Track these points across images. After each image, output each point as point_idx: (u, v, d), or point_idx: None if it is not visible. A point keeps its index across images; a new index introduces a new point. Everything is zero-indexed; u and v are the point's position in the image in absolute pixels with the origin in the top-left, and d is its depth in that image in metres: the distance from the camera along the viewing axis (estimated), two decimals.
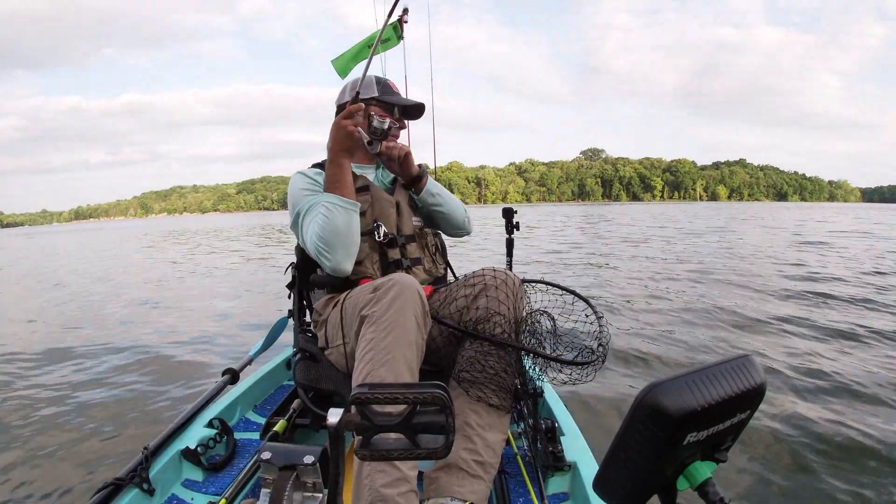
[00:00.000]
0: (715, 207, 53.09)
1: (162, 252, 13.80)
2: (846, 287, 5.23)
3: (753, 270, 6.51)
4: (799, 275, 6.06)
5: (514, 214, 1.75)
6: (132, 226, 63.18)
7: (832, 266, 6.83)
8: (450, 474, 1.02)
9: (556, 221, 22.06)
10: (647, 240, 11.61)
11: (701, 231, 14.79)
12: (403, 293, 1.04)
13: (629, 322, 3.94)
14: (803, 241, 10.75)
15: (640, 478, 0.48)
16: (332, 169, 1.26)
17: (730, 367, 0.48)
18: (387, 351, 1.00)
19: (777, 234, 12.77)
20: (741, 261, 7.56)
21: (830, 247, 9.58)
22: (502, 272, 1.21)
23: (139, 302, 5.72)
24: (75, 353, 3.62)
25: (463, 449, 1.04)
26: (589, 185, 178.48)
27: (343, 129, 1.23)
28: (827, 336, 3.46)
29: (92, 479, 1.85)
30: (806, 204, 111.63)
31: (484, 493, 1.03)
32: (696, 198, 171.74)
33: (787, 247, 9.68)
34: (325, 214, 1.23)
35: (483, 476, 1.03)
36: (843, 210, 44.12)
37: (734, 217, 24.43)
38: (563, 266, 7.30)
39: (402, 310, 1.03)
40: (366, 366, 1.01)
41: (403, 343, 1.01)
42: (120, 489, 1.06)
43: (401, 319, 1.02)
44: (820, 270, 6.38)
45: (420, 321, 1.05)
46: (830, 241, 10.92)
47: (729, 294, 4.96)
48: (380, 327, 1.02)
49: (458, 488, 1.00)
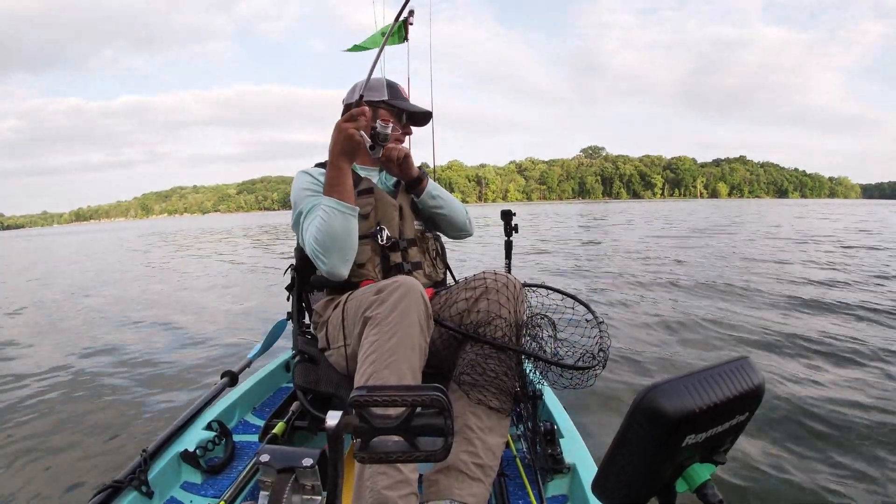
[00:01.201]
0: (715, 205, 52.21)
1: (158, 253, 13.80)
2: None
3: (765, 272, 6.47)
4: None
5: (512, 217, 1.76)
6: (133, 227, 62.97)
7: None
8: (449, 477, 1.02)
9: (554, 222, 21.69)
10: (647, 245, 11.52)
11: (709, 229, 14.67)
12: (407, 296, 1.04)
13: (630, 322, 3.94)
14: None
15: (639, 480, 0.49)
16: (332, 172, 1.25)
17: (728, 370, 0.48)
18: (390, 353, 1.00)
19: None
20: (752, 263, 7.41)
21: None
22: (503, 275, 1.21)
23: (137, 302, 5.72)
24: (73, 354, 3.62)
25: (463, 451, 1.04)
26: (589, 182, 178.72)
27: (344, 131, 1.21)
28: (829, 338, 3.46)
29: (90, 481, 1.84)
30: (806, 201, 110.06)
31: (483, 495, 1.02)
32: (696, 195, 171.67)
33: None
34: (323, 218, 1.22)
35: (483, 479, 1.03)
36: (849, 206, 43.27)
37: (741, 215, 23.66)
38: (566, 265, 7.32)
39: (405, 312, 1.03)
40: (368, 367, 1.01)
41: (407, 346, 1.01)
42: (119, 492, 1.05)
43: (405, 322, 1.02)
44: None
45: (423, 324, 1.05)
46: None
47: (739, 297, 4.96)
48: (383, 329, 1.02)
49: (457, 491, 1.00)
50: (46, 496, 1.76)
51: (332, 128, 1.26)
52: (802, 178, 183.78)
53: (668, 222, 19.39)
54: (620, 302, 4.78)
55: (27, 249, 21.54)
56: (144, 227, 50.00)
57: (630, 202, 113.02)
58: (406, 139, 1.51)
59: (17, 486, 1.84)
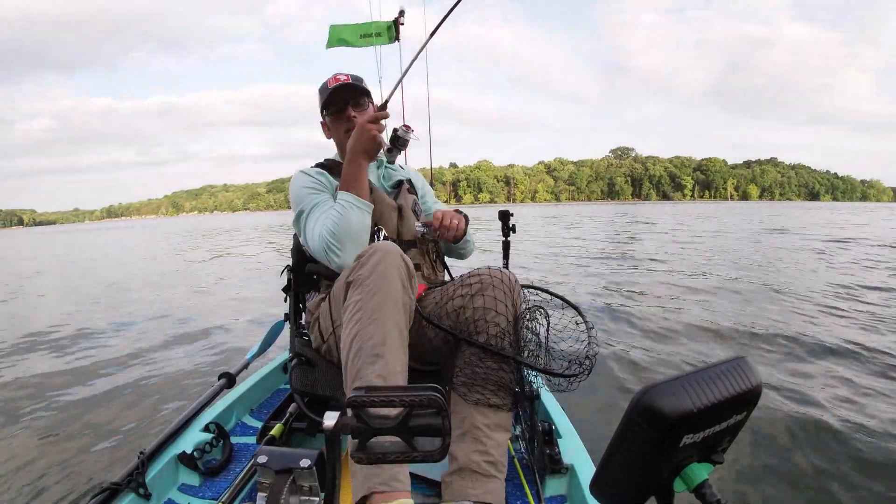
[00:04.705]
0: (756, 208, 48.43)
1: (162, 254, 13.76)
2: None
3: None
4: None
5: (510, 217, 1.76)
6: (164, 224, 61.34)
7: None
8: (463, 478, 1.02)
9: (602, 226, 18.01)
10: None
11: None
12: (386, 257, 1.05)
13: (630, 323, 3.95)
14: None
15: (637, 480, 0.49)
16: (351, 169, 1.29)
17: (725, 369, 0.48)
18: (374, 309, 1.01)
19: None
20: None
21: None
22: (499, 271, 1.20)
23: (135, 303, 5.70)
24: (70, 355, 3.61)
25: (473, 451, 1.04)
26: (619, 184, 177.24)
27: (368, 132, 1.27)
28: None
29: (88, 483, 1.84)
30: (842, 204, 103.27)
31: (500, 491, 1.03)
32: (726, 197, 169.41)
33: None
34: (340, 212, 1.25)
35: (497, 475, 1.04)
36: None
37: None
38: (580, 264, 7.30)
39: (386, 272, 1.04)
40: (354, 326, 1.01)
41: (390, 302, 1.02)
42: (116, 494, 1.05)
43: (386, 281, 1.03)
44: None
45: (406, 283, 1.06)
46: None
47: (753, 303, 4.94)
48: (365, 289, 1.03)
49: (471, 490, 1.00)
50: (44, 499, 1.75)
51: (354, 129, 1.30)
52: (834, 180, 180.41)
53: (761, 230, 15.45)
54: (623, 298, 4.77)
55: (34, 248, 21.46)
56: (179, 225, 48.91)
57: (659, 204, 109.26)
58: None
59: (13, 489, 1.83)
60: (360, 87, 1.47)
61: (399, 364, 0.99)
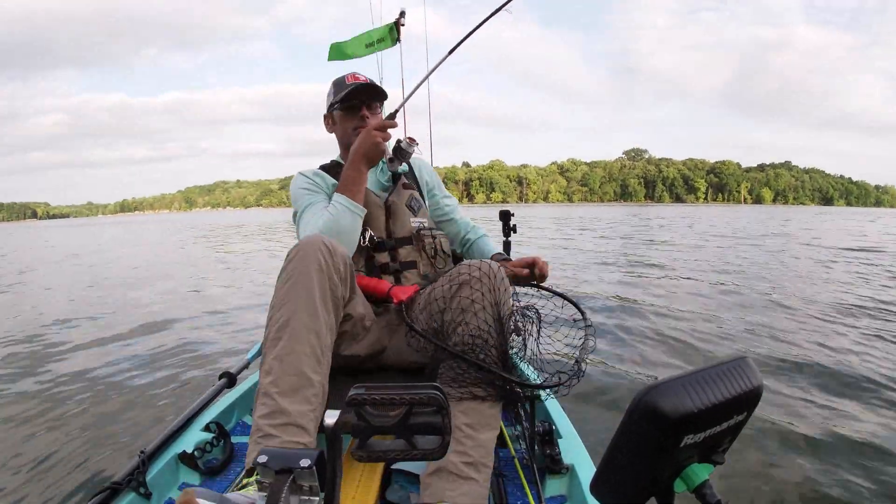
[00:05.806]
0: (771, 212, 46.49)
1: (162, 249, 13.76)
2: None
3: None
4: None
5: (510, 217, 1.76)
6: (178, 219, 60.48)
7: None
8: (441, 479, 1.00)
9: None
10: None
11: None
12: (305, 247, 1.06)
13: (630, 324, 3.94)
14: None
15: (638, 480, 0.49)
16: (351, 172, 1.31)
17: (726, 370, 0.48)
18: (285, 294, 1.03)
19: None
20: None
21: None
22: (478, 263, 1.10)
23: (133, 303, 5.70)
24: (68, 355, 3.61)
25: (452, 452, 1.01)
26: (632, 185, 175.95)
27: (372, 138, 1.29)
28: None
29: (88, 483, 1.84)
30: (860, 210, 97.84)
31: (479, 493, 1.00)
32: (740, 200, 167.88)
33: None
34: (332, 213, 1.27)
35: (475, 477, 1.00)
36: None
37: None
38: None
39: (304, 259, 1.05)
40: (269, 311, 1.05)
41: (300, 286, 1.02)
42: (117, 493, 1.05)
43: (299, 267, 1.04)
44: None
45: (325, 267, 1.05)
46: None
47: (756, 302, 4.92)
48: (274, 302, 1.05)
49: (449, 493, 0.98)
50: (43, 499, 1.75)
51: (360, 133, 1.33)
52: (848, 185, 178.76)
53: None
54: (623, 299, 4.77)
55: (34, 246, 21.48)
56: (193, 221, 48.32)
57: (672, 206, 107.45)
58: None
59: (12, 488, 1.83)
60: (379, 90, 1.50)
61: (301, 345, 0.99)
